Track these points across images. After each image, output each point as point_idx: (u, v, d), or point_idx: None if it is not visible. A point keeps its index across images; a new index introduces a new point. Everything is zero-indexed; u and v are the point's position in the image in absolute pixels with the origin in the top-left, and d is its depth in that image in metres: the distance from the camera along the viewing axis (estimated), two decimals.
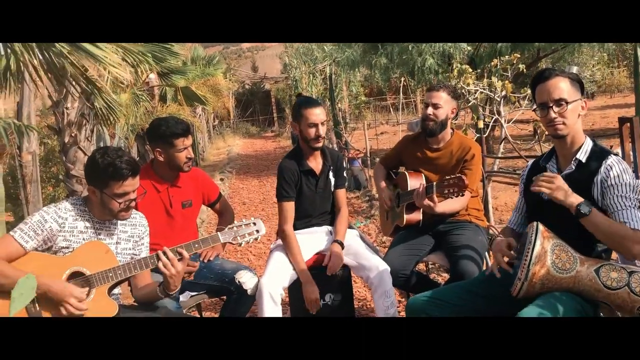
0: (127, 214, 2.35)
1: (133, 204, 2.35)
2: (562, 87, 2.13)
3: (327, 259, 2.97)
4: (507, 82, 5.41)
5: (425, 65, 10.91)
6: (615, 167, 2.07)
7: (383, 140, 13.33)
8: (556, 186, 2.04)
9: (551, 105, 2.13)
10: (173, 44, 5.20)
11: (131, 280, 2.43)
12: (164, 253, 2.27)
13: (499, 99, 5.56)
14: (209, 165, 15.49)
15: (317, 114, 2.95)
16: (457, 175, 2.71)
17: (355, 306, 4.00)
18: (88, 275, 2.21)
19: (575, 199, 2.03)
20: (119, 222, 2.42)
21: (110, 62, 2.82)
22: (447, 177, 2.75)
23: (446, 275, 3.95)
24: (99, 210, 2.34)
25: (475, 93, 5.77)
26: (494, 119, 5.61)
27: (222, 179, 11.59)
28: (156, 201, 2.92)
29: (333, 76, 15.48)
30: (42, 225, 2.21)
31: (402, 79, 17.69)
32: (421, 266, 3.88)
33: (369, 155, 8.58)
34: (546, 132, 2.39)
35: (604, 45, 11.11)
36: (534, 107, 2.24)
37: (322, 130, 2.98)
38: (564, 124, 2.13)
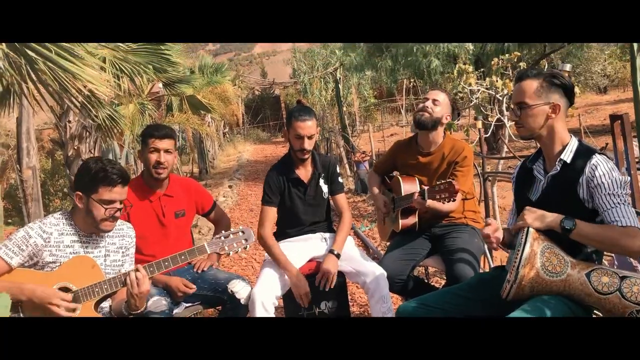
0: (111, 224, 2.35)
1: (118, 214, 2.35)
2: (524, 90, 2.14)
3: (319, 276, 2.94)
4: (507, 80, 5.36)
5: (431, 67, 10.86)
6: (601, 166, 2.03)
7: (392, 142, 13.28)
8: (531, 219, 2.05)
9: (513, 107, 2.17)
10: (171, 54, 5.21)
11: None
12: (137, 269, 2.25)
13: (501, 98, 5.50)
14: (218, 172, 15.56)
15: (305, 127, 2.93)
16: (447, 180, 2.68)
17: (357, 312, 3.99)
18: (74, 290, 2.21)
19: (556, 218, 2.02)
20: (106, 234, 2.42)
21: (87, 77, 2.82)
22: (437, 183, 2.72)
23: None
24: (84, 222, 2.34)
25: (477, 92, 5.72)
26: (496, 118, 5.55)
27: (230, 186, 11.62)
28: (148, 211, 2.92)
29: (342, 79, 15.47)
30: (27, 241, 2.22)
31: (411, 80, 17.65)
32: (421, 271, 3.85)
33: (374, 158, 8.55)
34: None
35: None
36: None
37: (308, 144, 2.96)
38: (523, 126, 2.16)
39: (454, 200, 2.71)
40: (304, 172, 3.09)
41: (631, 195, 2.52)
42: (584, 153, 2.10)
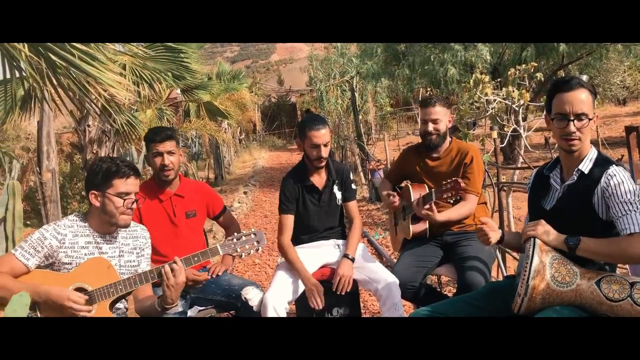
0: (128, 218, 2.39)
1: (134, 205, 2.40)
2: (584, 100, 2.05)
3: (336, 280, 2.94)
4: (524, 91, 5.35)
5: (448, 75, 10.84)
6: (617, 176, 2.01)
7: None
8: (541, 231, 2.04)
9: (572, 118, 2.05)
10: (190, 62, 5.29)
11: (133, 294, 2.46)
12: (174, 262, 2.30)
13: (517, 109, 5.49)
14: (234, 178, 15.64)
15: (320, 136, 2.97)
16: (453, 179, 2.70)
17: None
18: (89, 291, 2.25)
19: (559, 237, 2.02)
20: (120, 235, 2.47)
21: (109, 81, 2.87)
22: (443, 182, 2.74)
23: None
24: (99, 221, 2.39)
25: (494, 102, 5.71)
26: (512, 128, 5.53)
27: (245, 192, 11.67)
28: (159, 211, 2.98)
29: (359, 88, 15.50)
30: (42, 242, 2.27)
31: (428, 89, 17.63)
32: (434, 279, 3.84)
33: (389, 166, 8.55)
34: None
35: (630, 50, 10.85)
36: (551, 115, 2.12)
37: (324, 151, 2.99)
38: (579, 139, 2.07)
39: (461, 198, 2.72)
40: (319, 179, 3.12)
41: None
42: (602, 163, 2.08)
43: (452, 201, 2.74)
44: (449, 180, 2.71)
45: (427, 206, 2.81)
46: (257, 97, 24.12)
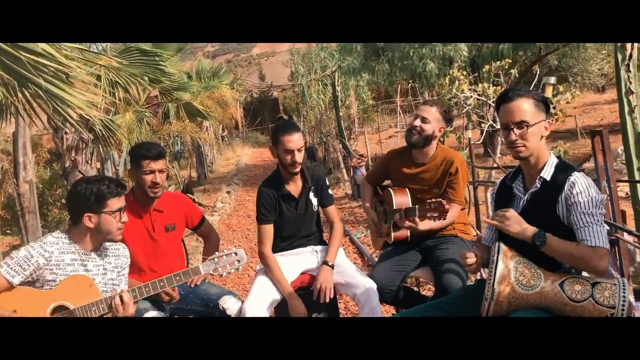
0: (121, 232, 2.48)
1: (125, 219, 2.48)
2: (524, 108, 2.13)
3: (316, 289, 2.96)
4: (499, 87, 5.41)
5: (427, 70, 10.92)
6: (578, 183, 2.08)
7: (390, 145, 13.26)
8: (509, 222, 2.09)
9: (512, 127, 2.14)
10: (166, 65, 5.28)
11: None
12: (120, 296, 2.32)
13: (493, 104, 5.55)
14: (217, 177, 15.59)
15: (293, 141, 2.96)
16: (438, 200, 2.71)
17: None
18: (71, 309, 2.27)
19: (530, 231, 2.07)
20: (104, 253, 2.50)
21: (77, 102, 2.86)
22: (428, 201, 2.75)
23: None
24: (89, 239, 2.42)
25: (470, 99, 5.77)
26: (488, 124, 5.60)
27: (228, 192, 11.65)
28: (139, 227, 2.99)
29: (340, 82, 15.50)
30: (29, 260, 2.28)
31: (410, 81, 17.69)
32: (412, 281, 3.90)
33: (370, 162, 8.60)
34: None
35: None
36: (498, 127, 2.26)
37: (298, 157, 2.99)
38: (524, 146, 2.15)
39: (444, 219, 2.74)
40: (294, 187, 3.13)
41: (611, 208, 2.58)
42: (563, 170, 2.15)
43: (434, 221, 2.77)
44: (433, 200, 2.71)
45: (411, 219, 2.84)
46: (239, 93, 24.01)
